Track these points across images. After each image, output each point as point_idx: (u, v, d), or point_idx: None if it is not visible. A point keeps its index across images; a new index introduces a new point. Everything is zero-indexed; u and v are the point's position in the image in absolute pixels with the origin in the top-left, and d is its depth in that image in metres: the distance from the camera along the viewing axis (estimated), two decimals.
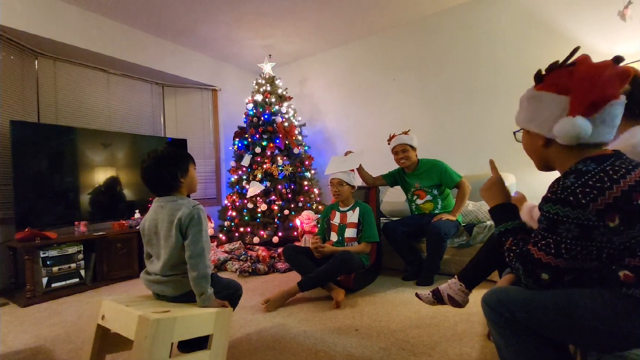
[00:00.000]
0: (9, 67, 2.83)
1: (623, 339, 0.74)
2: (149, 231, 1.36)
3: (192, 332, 1.18)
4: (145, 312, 1.10)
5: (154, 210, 1.37)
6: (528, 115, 0.92)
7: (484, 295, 0.93)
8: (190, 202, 1.34)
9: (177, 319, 1.11)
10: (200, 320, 1.21)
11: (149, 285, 1.37)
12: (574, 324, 0.77)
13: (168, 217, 1.30)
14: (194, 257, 1.26)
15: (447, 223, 2.39)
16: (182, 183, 1.38)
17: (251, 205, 3.48)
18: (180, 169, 1.37)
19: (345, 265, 2.12)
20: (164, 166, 1.34)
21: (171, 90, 4.28)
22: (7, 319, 2.10)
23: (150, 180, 1.35)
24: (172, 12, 3.27)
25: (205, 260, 1.28)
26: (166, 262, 1.31)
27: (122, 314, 1.16)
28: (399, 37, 3.75)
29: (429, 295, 1.52)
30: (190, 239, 1.27)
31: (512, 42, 3.07)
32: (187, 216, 1.28)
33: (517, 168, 3.01)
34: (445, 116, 3.46)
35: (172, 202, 1.33)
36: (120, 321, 1.16)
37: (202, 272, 1.27)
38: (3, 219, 2.72)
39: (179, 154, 1.39)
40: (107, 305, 1.23)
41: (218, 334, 1.25)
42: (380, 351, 1.49)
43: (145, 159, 1.35)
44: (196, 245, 1.27)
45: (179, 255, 1.30)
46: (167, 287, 1.32)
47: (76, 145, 3.00)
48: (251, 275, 2.85)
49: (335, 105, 4.33)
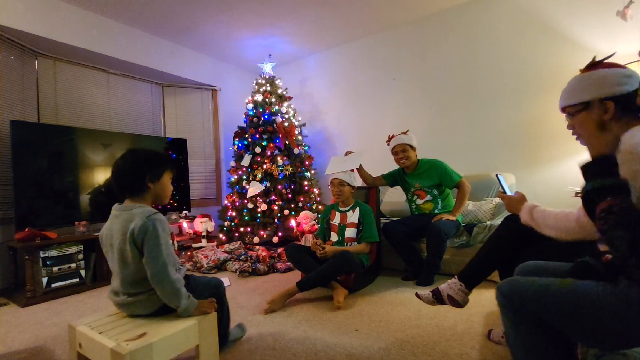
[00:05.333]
0: (9, 67, 2.83)
1: (630, 335, 0.73)
2: (105, 241, 1.24)
3: (175, 350, 1.14)
4: (119, 341, 1.06)
5: (110, 218, 1.23)
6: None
7: (499, 283, 0.96)
8: (146, 211, 1.17)
9: (154, 345, 1.06)
10: (182, 335, 1.16)
11: (119, 307, 1.26)
12: (581, 318, 0.77)
13: (121, 228, 1.16)
14: (156, 275, 1.14)
15: (447, 223, 2.39)
16: (150, 189, 1.22)
17: (251, 205, 3.48)
18: (152, 172, 1.22)
19: (344, 265, 2.12)
20: (134, 165, 1.20)
21: (171, 90, 4.28)
22: (7, 319, 2.10)
23: (116, 179, 1.21)
24: (172, 12, 3.27)
25: (169, 276, 1.15)
26: (124, 279, 1.19)
27: (97, 344, 1.10)
28: (399, 37, 3.75)
29: (429, 295, 1.52)
30: (147, 255, 1.13)
31: (512, 42, 3.07)
32: (141, 229, 1.13)
33: (517, 168, 3.01)
34: (445, 116, 3.46)
35: (126, 212, 1.19)
36: (96, 352, 1.12)
37: (170, 288, 1.16)
38: (3, 219, 2.72)
39: (157, 156, 1.25)
40: (81, 333, 1.18)
41: (204, 341, 1.22)
42: (380, 351, 1.49)
43: (120, 155, 1.23)
44: (156, 263, 1.13)
45: (137, 271, 1.17)
46: (137, 308, 1.22)
47: (76, 145, 3.00)
48: (251, 275, 2.85)
49: (335, 105, 4.33)
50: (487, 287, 1.86)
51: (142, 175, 1.20)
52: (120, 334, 1.13)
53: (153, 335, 1.11)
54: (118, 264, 1.19)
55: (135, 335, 1.10)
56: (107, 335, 1.11)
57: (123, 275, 1.19)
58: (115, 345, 1.04)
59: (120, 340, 1.07)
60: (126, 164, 1.21)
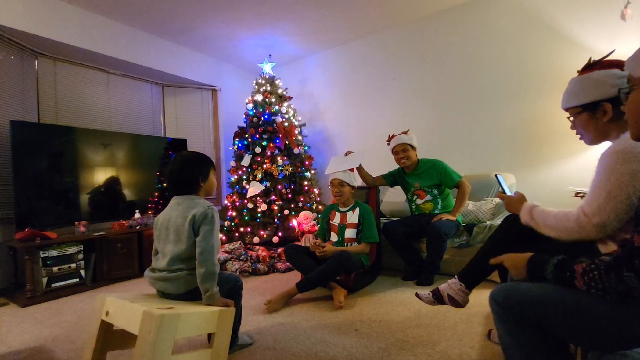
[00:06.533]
0: (9, 67, 2.83)
1: (632, 338, 0.73)
2: (161, 225, 1.41)
3: (195, 330, 1.19)
4: (150, 307, 1.11)
5: (170, 206, 1.43)
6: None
7: (492, 291, 0.92)
8: (206, 202, 1.41)
9: (181, 315, 1.12)
10: (204, 318, 1.22)
11: (153, 283, 1.39)
12: (582, 322, 0.77)
13: (182, 213, 1.36)
14: (204, 253, 1.30)
15: (447, 223, 2.39)
16: (202, 187, 1.46)
17: (251, 205, 3.48)
18: (202, 173, 1.45)
19: (343, 266, 2.11)
20: (187, 168, 1.43)
21: (171, 90, 4.28)
22: (7, 319, 2.10)
23: (173, 180, 1.43)
24: (172, 12, 3.27)
25: (213, 258, 1.32)
26: (174, 257, 1.34)
27: (127, 309, 1.18)
28: (399, 37, 3.75)
29: (429, 295, 1.52)
30: (201, 235, 1.32)
31: (512, 42, 3.07)
32: (202, 214, 1.34)
33: (517, 168, 3.01)
34: (445, 116, 3.46)
35: (188, 200, 1.40)
36: (125, 317, 1.18)
37: (210, 269, 1.30)
38: (3, 219, 2.72)
39: (202, 159, 1.48)
40: (111, 301, 1.25)
41: (220, 332, 1.26)
42: (380, 351, 1.49)
43: (171, 161, 1.46)
44: (207, 242, 1.32)
45: (188, 250, 1.33)
46: (171, 285, 1.34)
47: (76, 145, 3.00)
48: (251, 275, 2.85)
49: (335, 105, 4.33)
50: (487, 287, 1.84)
51: (196, 176, 1.43)
52: (150, 304, 1.19)
53: (180, 310, 1.16)
54: (172, 243, 1.36)
55: (164, 307, 1.15)
56: (139, 304, 1.17)
57: (174, 253, 1.34)
58: (147, 308, 1.08)
59: (152, 308, 1.11)
60: (181, 169, 1.43)
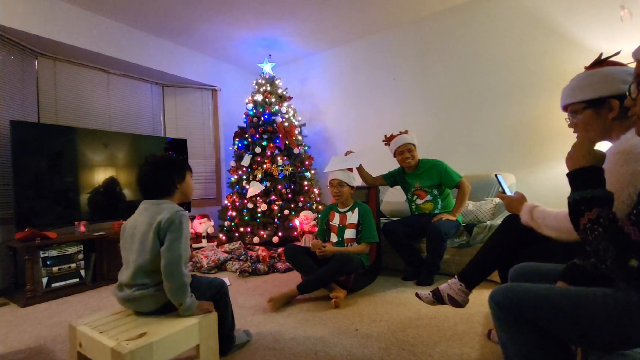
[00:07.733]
0: (9, 67, 2.83)
1: (632, 338, 0.73)
2: (127, 233, 1.32)
3: (174, 350, 1.15)
4: (119, 341, 1.06)
5: (138, 211, 1.34)
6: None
7: (491, 292, 0.91)
8: (174, 207, 1.30)
9: (154, 344, 1.07)
10: (182, 335, 1.16)
11: (122, 303, 1.30)
12: (582, 324, 0.77)
13: (148, 219, 1.26)
14: (169, 265, 1.19)
15: (447, 223, 2.39)
16: (178, 189, 1.37)
17: (251, 205, 3.48)
18: (178, 175, 1.37)
19: (344, 268, 2.11)
20: (162, 170, 1.33)
21: (171, 90, 4.28)
22: (7, 319, 2.10)
23: (147, 184, 1.33)
24: (172, 12, 3.27)
25: (181, 269, 1.21)
26: (136, 270, 1.23)
27: (97, 344, 1.11)
28: (399, 37, 3.74)
29: (429, 295, 1.52)
30: (166, 245, 1.20)
31: (512, 42, 3.07)
32: (168, 220, 1.22)
33: (517, 168, 3.01)
34: (445, 116, 3.46)
35: (156, 205, 1.30)
36: (97, 351, 1.12)
37: (179, 282, 1.20)
38: (3, 219, 2.72)
39: (177, 161, 1.41)
40: (81, 332, 1.19)
41: (205, 342, 1.23)
42: (380, 351, 1.49)
43: (142, 163, 1.34)
44: (173, 253, 1.20)
45: (152, 262, 1.22)
46: (139, 304, 1.26)
47: (76, 145, 3.00)
48: (251, 275, 2.85)
49: (335, 105, 4.33)
50: (487, 287, 1.85)
51: (172, 179, 1.34)
52: (121, 333, 1.13)
53: (153, 334, 1.11)
54: (136, 253, 1.25)
55: (135, 335, 1.10)
56: (108, 335, 1.12)
57: (137, 264, 1.23)
58: (116, 344, 1.04)
59: (121, 339, 1.07)
60: (155, 172, 1.33)
